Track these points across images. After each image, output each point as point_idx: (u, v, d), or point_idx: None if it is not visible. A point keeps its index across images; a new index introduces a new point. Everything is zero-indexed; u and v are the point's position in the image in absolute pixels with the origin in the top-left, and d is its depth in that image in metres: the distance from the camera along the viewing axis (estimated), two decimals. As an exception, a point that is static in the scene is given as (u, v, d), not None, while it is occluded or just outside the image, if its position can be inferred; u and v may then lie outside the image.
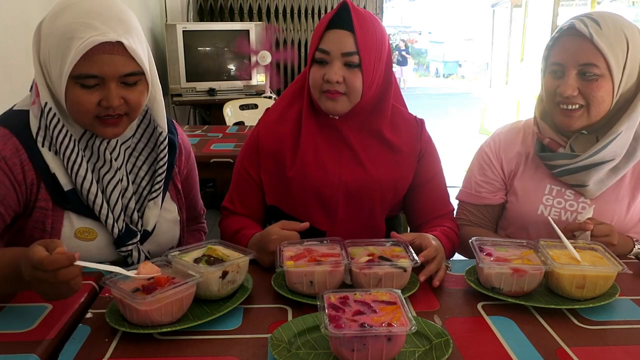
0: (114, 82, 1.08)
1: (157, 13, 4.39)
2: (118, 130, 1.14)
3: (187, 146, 1.40)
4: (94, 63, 1.05)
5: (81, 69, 1.05)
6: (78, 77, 1.06)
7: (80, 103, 1.08)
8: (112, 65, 1.06)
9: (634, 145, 1.33)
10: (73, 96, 1.08)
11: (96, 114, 1.10)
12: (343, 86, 1.30)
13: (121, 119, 1.13)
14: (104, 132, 1.13)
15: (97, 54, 1.04)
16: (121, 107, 1.10)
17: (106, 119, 1.11)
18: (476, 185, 1.51)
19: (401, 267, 1.09)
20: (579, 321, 1.02)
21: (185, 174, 1.40)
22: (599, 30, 1.25)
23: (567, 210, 1.39)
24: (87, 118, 1.10)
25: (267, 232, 1.24)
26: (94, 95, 1.08)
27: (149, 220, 1.25)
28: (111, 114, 1.10)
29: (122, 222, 1.21)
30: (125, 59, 1.07)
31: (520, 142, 1.48)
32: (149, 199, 1.25)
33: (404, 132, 1.43)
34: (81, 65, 1.04)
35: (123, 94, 1.10)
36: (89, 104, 1.08)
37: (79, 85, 1.07)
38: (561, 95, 1.29)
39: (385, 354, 0.84)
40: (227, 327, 0.99)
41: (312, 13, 4.99)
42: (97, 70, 1.05)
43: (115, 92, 1.08)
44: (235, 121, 3.89)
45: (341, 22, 1.29)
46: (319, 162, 1.38)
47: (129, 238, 1.21)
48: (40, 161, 1.13)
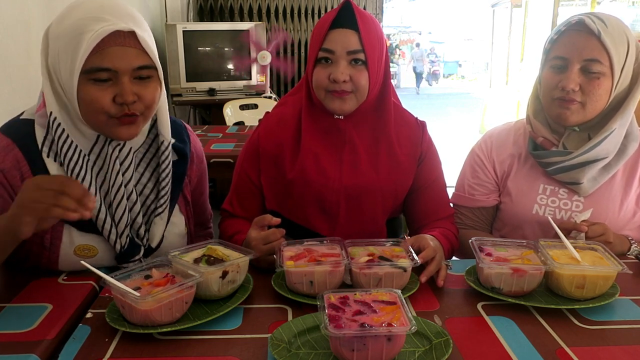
0: (126, 76, 1.05)
1: (157, 13, 4.39)
2: (133, 131, 1.11)
3: (199, 153, 1.37)
4: (106, 55, 1.03)
5: (93, 63, 1.03)
6: (90, 72, 1.03)
7: (94, 100, 1.05)
8: (124, 58, 1.04)
9: (625, 143, 1.35)
10: (85, 94, 1.05)
11: (111, 113, 1.06)
12: (349, 85, 1.30)
13: (137, 118, 1.09)
14: (119, 133, 1.10)
15: (109, 46, 1.02)
16: (136, 104, 1.07)
17: (123, 119, 1.07)
18: (469, 188, 1.51)
19: (401, 267, 1.09)
20: (579, 321, 1.02)
21: (196, 182, 1.37)
22: (606, 28, 1.26)
23: (562, 209, 1.39)
24: (101, 117, 1.07)
25: (247, 238, 1.22)
26: (108, 91, 1.05)
27: (154, 236, 1.22)
28: (127, 112, 1.07)
29: (125, 237, 1.17)
30: (138, 52, 1.06)
31: (512, 143, 1.48)
32: (155, 214, 1.21)
33: (405, 135, 1.43)
34: (93, 58, 1.02)
35: (137, 90, 1.07)
36: (103, 101, 1.05)
37: (91, 82, 1.04)
38: (563, 88, 1.29)
39: (385, 354, 0.84)
40: (227, 327, 0.99)
41: (312, 13, 4.99)
42: (109, 63, 1.03)
43: (128, 87, 1.05)
44: (235, 121, 3.89)
45: (345, 21, 1.29)
46: (319, 167, 1.38)
47: (132, 254, 1.19)
48: (43, 173, 1.10)
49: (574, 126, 1.35)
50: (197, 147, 1.37)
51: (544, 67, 1.36)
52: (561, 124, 1.36)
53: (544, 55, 1.37)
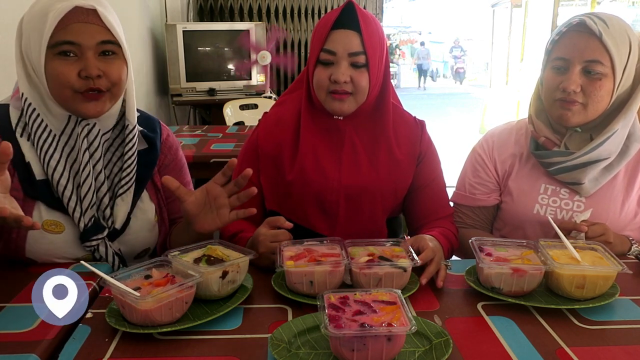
0: (91, 51, 1.12)
1: (157, 13, 4.39)
2: (100, 108, 1.16)
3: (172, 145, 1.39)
4: (70, 31, 1.10)
5: (57, 37, 1.09)
6: (55, 46, 1.10)
7: (60, 74, 1.11)
8: (87, 33, 1.11)
9: (627, 143, 1.35)
10: (52, 69, 1.11)
11: (76, 87, 1.12)
12: (350, 86, 1.30)
13: (103, 95, 1.15)
14: (87, 109, 1.15)
15: (72, 22, 1.10)
16: (101, 80, 1.13)
17: (88, 94, 1.13)
18: (470, 187, 1.51)
19: (401, 267, 1.09)
20: (579, 321, 1.02)
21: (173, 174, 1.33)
22: (607, 29, 1.25)
23: (563, 209, 1.39)
24: (67, 92, 1.12)
25: (256, 233, 1.23)
26: (73, 66, 1.11)
27: (117, 217, 1.25)
28: (92, 87, 1.12)
29: (90, 217, 1.21)
30: (100, 28, 1.13)
31: (513, 143, 1.48)
32: (117, 195, 1.25)
33: (404, 134, 1.43)
34: (57, 34, 1.09)
35: (102, 67, 1.13)
36: (69, 74, 1.11)
37: (57, 58, 1.11)
38: (564, 90, 1.29)
39: (385, 354, 0.84)
40: (227, 327, 0.99)
41: (312, 13, 4.99)
42: (72, 37, 1.10)
43: (93, 61, 1.11)
44: (235, 121, 3.89)
45: (347, 22, 1.29)
46: (319, 167, 1.38)
47: (94, 233, 1.21)
48: (17, 151, 1.13)
49: (576, 127, 1.35)
50: (169, 140, 1.39)
51: (545, 67, 1.36)
52: (563, 125, 1.36)
53: (545, 56, 1.36)
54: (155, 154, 1.32)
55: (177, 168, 1.40)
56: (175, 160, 1.40)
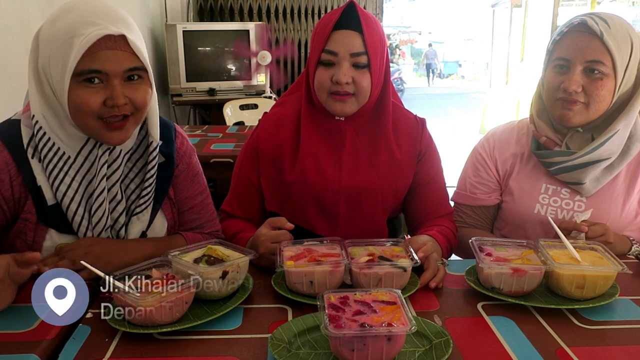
0: (117, 78, 1.06)
1: (157, 13, 4.39)
2: (124, 135, 1.11)
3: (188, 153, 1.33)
4: (97, 58, 1.04)
5: (84, 65, 1.03)
6: (81, 74, 1.04)
7: (84, 103, 1.05)
8: (115, 61, 1.05)
9: (629, 144, 1.35)
10: (76, 96, 1.05)
11: (101, 114, 1.07)
12: (352, 87, 1.30)
13: (127, 121, 1.10)
14: (110, 138, 1.10)
15: (99, 49, 1.03)
16: (126, 106, 1.08)
17: (111, 122, 1.08)
18: (471, 187, 1.51)
19: (401, 267, 1.09)
20: (579, 321, 1.02)
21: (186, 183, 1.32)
22: (608, 29, 1.25)
23: (564, 209, 1.39)
24: (91, 119, 1.07)
25: (257, 234, 1.22)
26: (99, 94, 1.06)
27: (130, 235, 1.21)
28: (116, 114, 1.07)
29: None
30: (128, 54, 1.07)
31: (514, 142, 1.48)
32: (134, 214, 1.21)
33: (404, 133, 1.43)
34: (84, 61, 1.03)
35: (127, 92, 1.08)
36: (94, 103, 1.05)
37: (82, 85, 1.05)
38: (565, 90, 1.29)
39: (385, 354, 0.84)
40: (227, 327, 0.99)
41: (312, 13, 4.99)
42: (100, 66, 1.04)
43: (119, 89, 1.06)
44: (235, 121, 3.90)
45: (348, 23, 1.28)
46: (319, 168, 1.37)
47: None
48: (29, 173, 1.11)
49: (577, 127, 1.35)
50: (183, 147, 1.32)
51: (546, 67, 1.36)
52: (564, 125, 1.36)
53: (546, 56, 1.36)
54: (172, 167, 1.27)
55: (188, 177, 1.33)
56: (188, 169, 1.33)
